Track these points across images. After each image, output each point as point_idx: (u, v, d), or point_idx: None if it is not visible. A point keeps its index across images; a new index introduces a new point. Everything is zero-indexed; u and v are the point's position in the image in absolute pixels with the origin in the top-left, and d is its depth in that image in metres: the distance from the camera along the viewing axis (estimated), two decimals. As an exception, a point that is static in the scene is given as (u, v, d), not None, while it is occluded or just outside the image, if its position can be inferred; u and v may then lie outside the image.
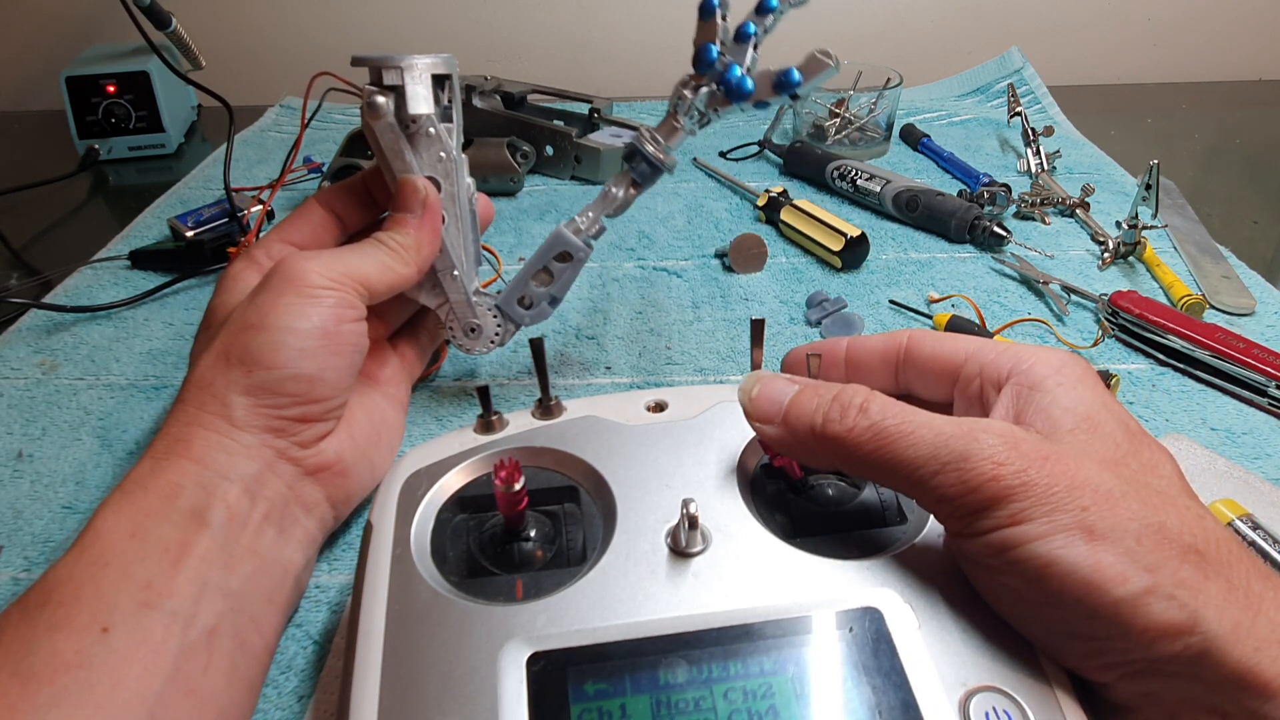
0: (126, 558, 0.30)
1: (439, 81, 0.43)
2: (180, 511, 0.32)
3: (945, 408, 0.33)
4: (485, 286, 0.47)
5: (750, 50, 0.42)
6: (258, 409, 0.35)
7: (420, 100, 0.41)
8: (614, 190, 0.45)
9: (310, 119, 0.49)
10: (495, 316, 0.47)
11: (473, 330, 0.47)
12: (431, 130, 0.42)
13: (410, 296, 0.45)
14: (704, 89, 0.42)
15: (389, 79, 0.41)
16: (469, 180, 0.45)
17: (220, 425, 0.35)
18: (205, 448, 0.34)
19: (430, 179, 0.43)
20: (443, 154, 0.43)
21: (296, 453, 0.36)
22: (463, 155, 0.44)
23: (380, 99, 0.40)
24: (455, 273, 0.45)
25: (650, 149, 0.44)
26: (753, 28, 0.41)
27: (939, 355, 0.33)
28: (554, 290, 0.47)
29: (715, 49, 0.41)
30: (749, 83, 0.41)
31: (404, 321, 0.48)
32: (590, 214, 0.46)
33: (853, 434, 0.28)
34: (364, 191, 0.45)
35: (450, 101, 0.44)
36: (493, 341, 0.47)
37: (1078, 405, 0.28)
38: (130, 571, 0.30)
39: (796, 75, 0.40)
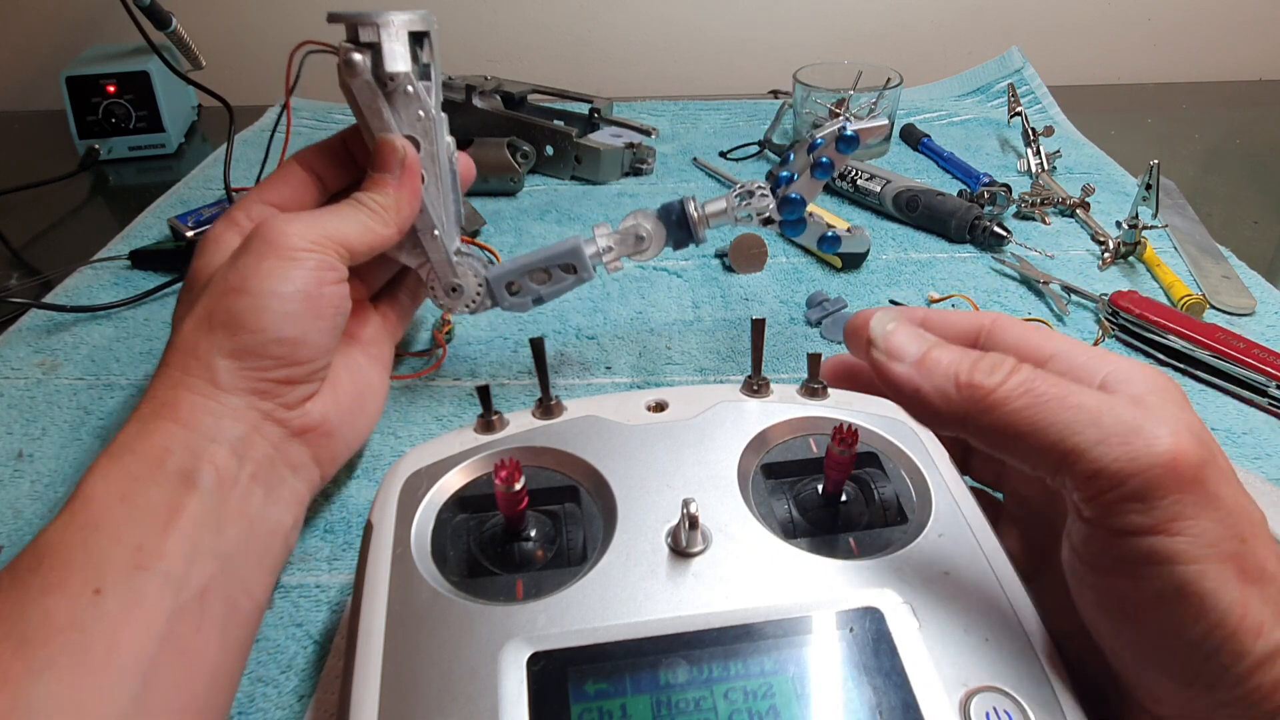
0: (117, 521, 0.30)
1: (417, 39, 0.42)
2: (169, 475, 0.32)
3: None
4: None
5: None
6: (242, 372, 0.35)
7: (397, 58, 0.41)
8: (642, 233, 0.47)
9: (294, 85, 0.49)
10: (477, 276, 0.46)
11: (454, 290, 0.46)
12: (410, 89, 0.42)
13: (391, 257, 0.45)
14: (767, 200, 0.48)
15: (365, 36, 0.40)
16: (449, 139, 0.45)
17: (206, 388, 0.35)
18: (192, 411, 0.34)
19: (409, 138, 0.42)
20: (421, 113, 0.42)
21: (282, 414, 0.37)
22: (442, 114, 0.44)
23: (356, 56, 0.40)
24: (436, 232, 0.44)
25: (694, 212, 0.47)
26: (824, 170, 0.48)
27: (1023, 347, 0.31)
28: (544, 292, 0.47)
29: (787, 176, 0.48)
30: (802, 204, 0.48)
31: (385, 282, 0.48)
32: (613, 244, 0.47)
33: (1004, 386, 0.26)
34: (344, 151, 0.45)
35: (429, 60, 0.43)
36: (473, 303, 0.47)
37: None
38: (121, 535, 0.30)
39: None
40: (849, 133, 0.46)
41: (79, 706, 0.26)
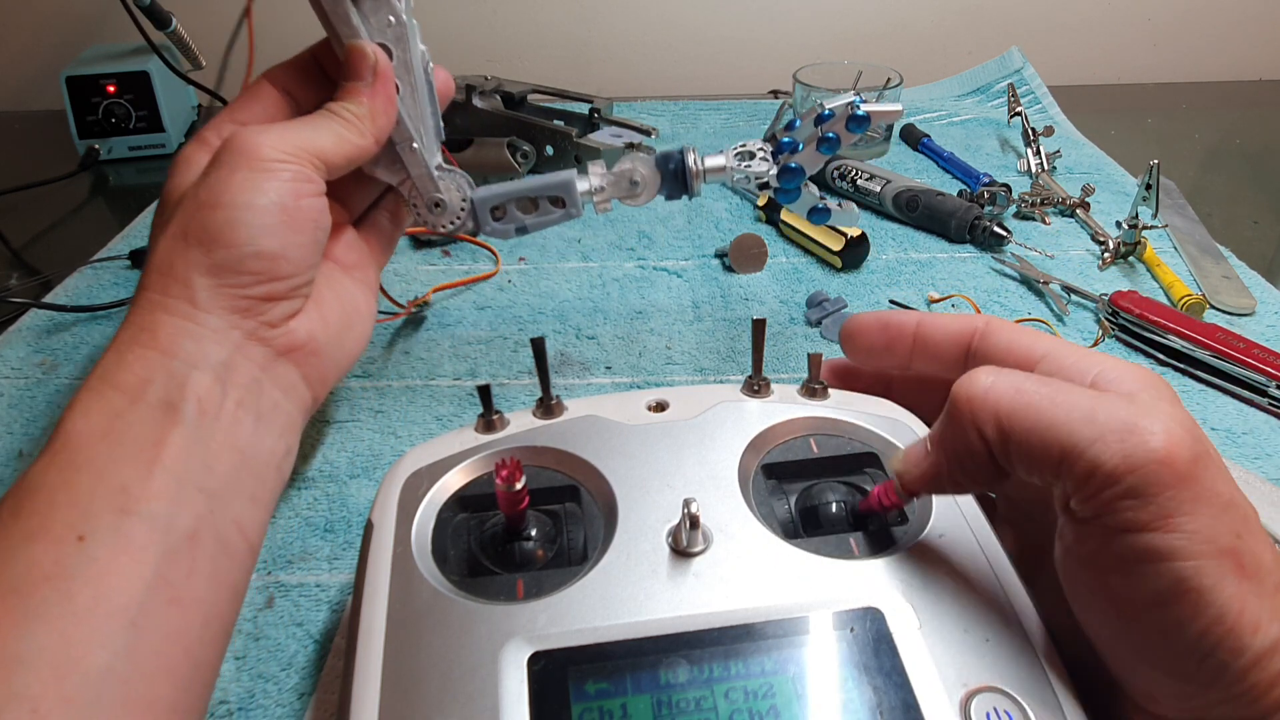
0: (99, 461, 0.29)
1: None
2: (151, 407, 0.31)
3: None
4: (486, 278, 0.46)
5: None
6: (221, 289, 0.34)
7: None
8: (636, 178, 0.46)
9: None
10: (460, 193, 0.45)
11: (437, 205, 0.45)
12: None
13: (369, 173, 0.43)
14: (767, 165, 0.48)
15: None
16: (423, 48, 0.43)
17: (184, 309, 0.33)
18: (172, 335, 0.33)
19: (381, 46, 0.41)
20: (391, 18, 0.41)
21: (266, 333, 0.35)
22: (414, 21, 0.42)
23: None
24: (414, 144, 0.43)
25: (693, 164, 0.46)
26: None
27: (1014, 349, 0.31)
28: (529, 222, 0.46)
29: (790, 143, 0.48)
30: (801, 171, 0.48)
31: (367, 206, 0.47)
32: (605, 185, 0.46)
33: (994, 390, 0.26)
34: (314, 67, 0.43)
35: None
36: (456, 219, 0.46)
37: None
38: (104, 475, 0.29)
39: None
40: (860, 112, 0.45)
41: (68, 656, 0.25)
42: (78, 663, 0.26)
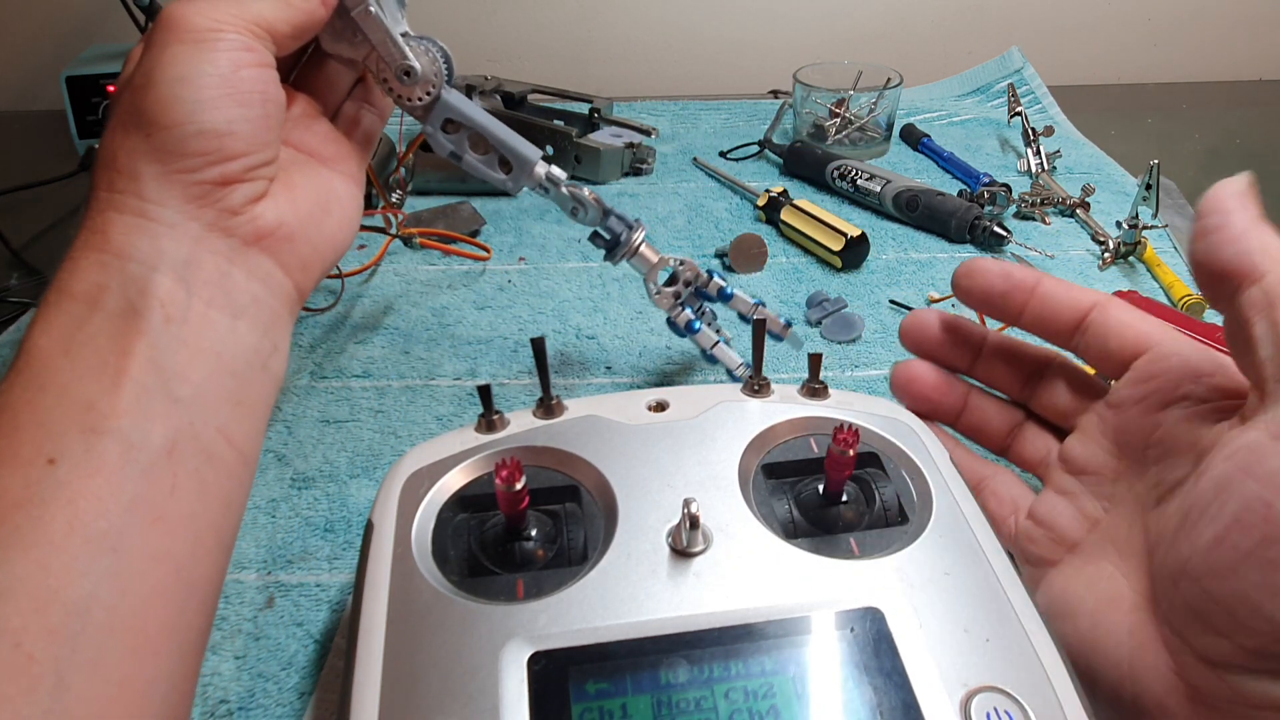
0: (62, 377, 0.28)
1: None
2: (111, 316, 0.29)
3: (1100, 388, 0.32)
4: (475, 258, 0.45)
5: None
6: (170, 176, 0.32)
7: None
8: (579, 213, 0.47)
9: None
10: (432, 61, 0.43)
11: (408, 74, 0.42)
12: None
13: (329, 50, 0.40)
14: (670, 300, 0.49)
15: None
16: None
17: (134, 204, 0.31)
18: (125, 235, 0.31)
19: None
20: None
21: (229, 221, 0.33)
22: None
23: None
24: (371, 8, 0.39)
25: (636, 239, 0.47)
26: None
27: (1130, 326, 0.32)
28: (466, 158, 0.45)
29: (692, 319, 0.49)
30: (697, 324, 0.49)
31: (343, 99, 0.44)
32: (548, 188, 0.46)
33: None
34: None
35: None
36: (432, 88, 0.43)
37: None
38: (68, 393, 0.28)
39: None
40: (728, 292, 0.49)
41: (47, 585, 0.24)
42: (58, 593, 0.25)
